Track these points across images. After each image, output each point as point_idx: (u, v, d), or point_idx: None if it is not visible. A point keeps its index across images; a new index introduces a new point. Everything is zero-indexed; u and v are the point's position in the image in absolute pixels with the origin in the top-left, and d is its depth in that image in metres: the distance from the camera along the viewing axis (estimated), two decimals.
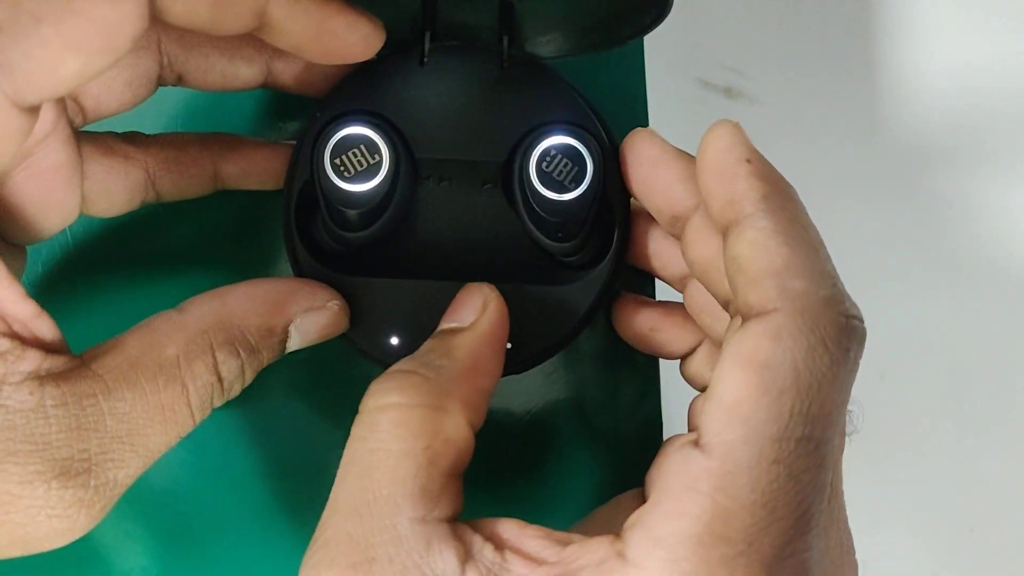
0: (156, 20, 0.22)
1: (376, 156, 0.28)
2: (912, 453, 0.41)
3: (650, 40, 0.34)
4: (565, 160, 0.28)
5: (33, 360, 0.23)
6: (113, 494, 0.23)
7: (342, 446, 0.25)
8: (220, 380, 0.25)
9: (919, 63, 0.41)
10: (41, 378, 0.22)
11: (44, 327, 0.24)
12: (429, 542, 0.23)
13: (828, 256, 0.24)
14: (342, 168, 0.28)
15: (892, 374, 0.41)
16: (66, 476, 0.22)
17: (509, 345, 0.29)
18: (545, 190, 0.28)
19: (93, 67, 0.21)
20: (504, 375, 0.28)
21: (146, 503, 0.31)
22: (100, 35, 0.21)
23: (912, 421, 0.41)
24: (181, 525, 0.32)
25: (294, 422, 0.32)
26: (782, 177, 0.25)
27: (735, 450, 0.21)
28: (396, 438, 0.24)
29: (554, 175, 0.28)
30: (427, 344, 0.27)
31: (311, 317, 0.27)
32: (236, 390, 0.26)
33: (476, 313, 0.27)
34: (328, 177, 0.28)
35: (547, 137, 0.28)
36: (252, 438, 0.32)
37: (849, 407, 0.25)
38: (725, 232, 0.24)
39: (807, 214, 0.24)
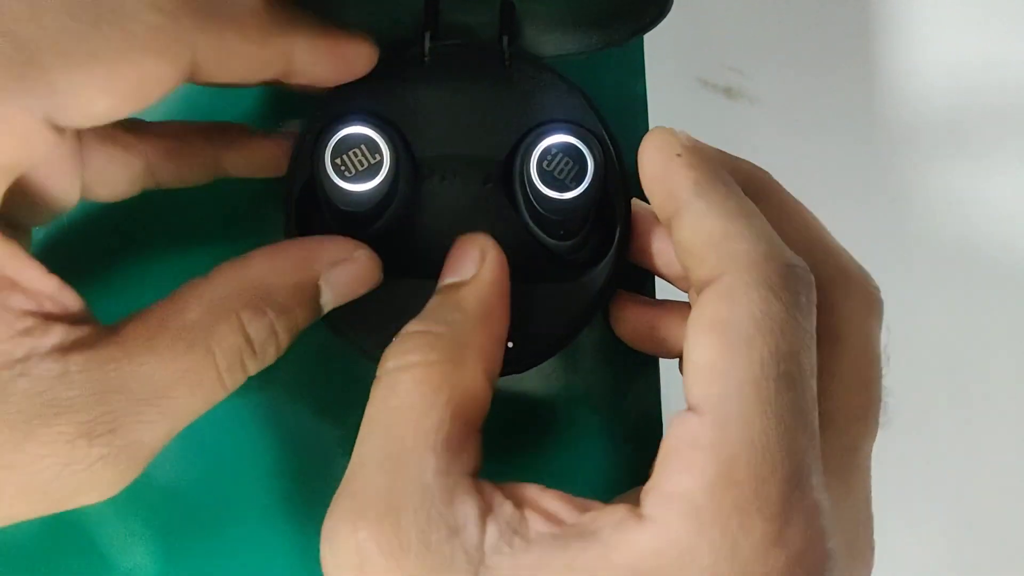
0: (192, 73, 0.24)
1: (377, 156, 0.28)
2: (911, 452, 0.41)
3: (650, 40, 0.35)
4: (566, 159, 0.28)
5: (58, 334, 0.23)
6: (141, 454, 0.24)
7: (344, 444, 0.25)
8: (249, 341, 0.25)
9: (918, 62, 0.41)
10: (66, 349, 0.23)
11: (68, 299, 0.24)
12: (453, 494, 0.23)
13: (765, 222, 0.25)
14: (343, 168, 0.28)
15: (891, 373, 0.41)
16: (90, 436, 0.23)
17: (510, 344, 0.29)
18: (546, 189, 0.28)
19: (125, 110, 0.23)
20: (505, 373, 0.28)
21: (149, 499, 0.31)
22: (142, 85, 0.22)
23: (912, 420, 0.41)
24: (184, 521, 0.32)
25: (296, 420, 0.32)
26: (713, 162, 0.26)
27: (722, 403, 0.22)
28: (418, 394, 0.24)
29: (555, 174, 0.28)
30: (433, 302, 0.27)
31: (339, 270, 0.27)
32: (271, 353, 0.26)
33: (476, 265, 0.27)
34: (329, 177, 0.28)
35: (548, 136, 0.28)
36: (254, 436, 0.32)
37: (884, 399, 0.25)
38: (669, 225, 0.26)
39: (740, 192, 0.26)
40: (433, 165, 0.30)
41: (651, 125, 0.35)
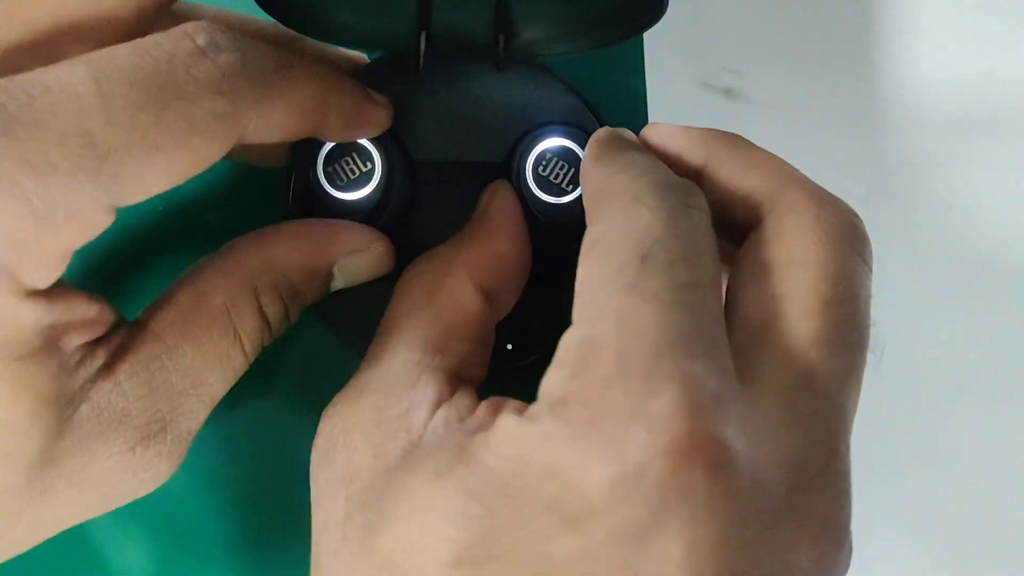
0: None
1: (368, 164, 0.28)
2: (912, 455, 0.40)
3: (650, 40, 0.34)
4: (562, 163, 0.28)
5: (103, 352, 0.24)
6: (187, 441, 0.25)
7: None
8: (267, 323, 0.26)
9: (919, 65, 0.41)
10: (111, 363, 0.24)
11: (106, 314, 0.24)
12: (418, 379, 0.24)
13: (651, 161, 0.25)
14: (335, 176, 0.28)
15: (890, 376, 0.41)
16: (146, 440, 0.24)
17: (510, 346, 0.29)
18: (542, 194, 0.28)
19: (173, 185, 0.23)
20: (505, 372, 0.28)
21: (144, 502, 0.31)
22: (195, 165, 0.23)
23: (911, 424, 0.41)
24: (179, 525, 0.32)
25: (292, 424, 0.32)
26: (613, 135, 0.27)
27: (589, 302, 0.21)
28: (403, 300, 0.26)
29: (551, 178, 0.28)
30: None
31: (354, 259, 0.28)
32: (282, 330, 0.27)
33: (485, 204, 0.29)
34: (321, 185, 0.28)
35: (543, 140, 0.28)
36: (250, 439, 0.32)
37: (873, 319, 0.23)
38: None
39: (639, 150, 0.26)
40: (431, 169, 0.30)
41: None
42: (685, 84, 0.40)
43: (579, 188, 0.28)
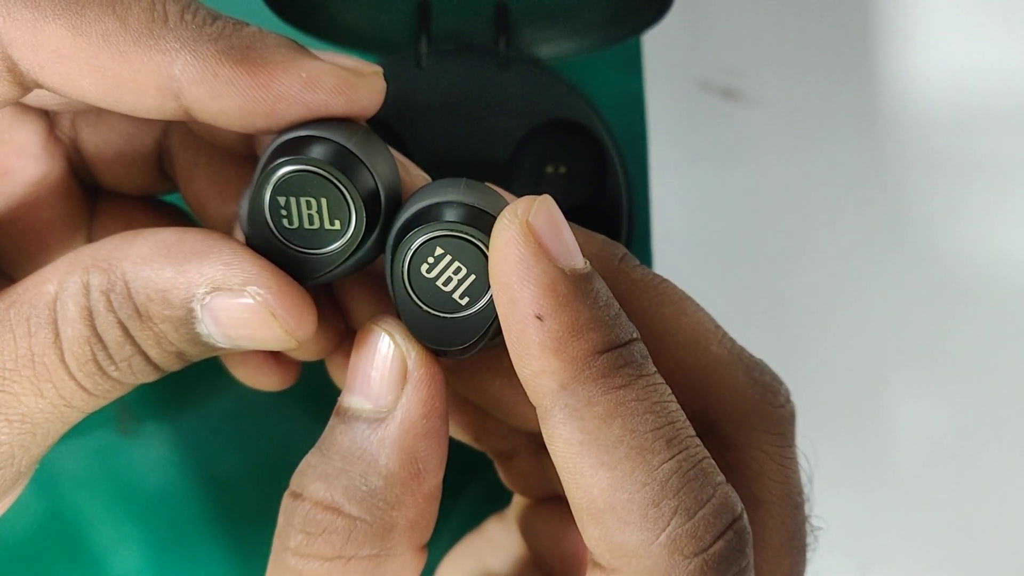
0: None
1: (336, 222, 0.19)
2: (912, 457, 0.41)
3: (649, 40, 0.34)
4: (455, 263, 0.19)
5: None
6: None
7: None
8: (100, 340, 0.19)
9: (920, 65, 0.41)
10: None
11: None
12: None
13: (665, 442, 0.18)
14: (284, 215, 0.19)
15: (891, 379, 0.41)
16: None
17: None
18: (425, 306, 0.20)
19: (88, 92, 0.19)
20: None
21: (141, 504, 0.31)
22: (111, 78, 0.19)
23: (912, 428, 0.41)
24: (175, 526, 0.32)
25: (288, 425, 0.32)
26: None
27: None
28: None
29: (440, 284, 0.19)
30: (335, 440, 0.20)
31: (221, 302, 0.19)
32: (138, 367, 0.19)
33: (395, 386, 0.20)
34: (265, 219, 0.19)
35: (430, 226, 0.19)
36: (245, 440, 0.32)
37: (810, 530, 0.22)
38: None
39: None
40: (431, 168, 0.29)
41: (649, 126, 0.35)
42: (684, 84, 0.40)
43: (479, 302, 0.19)
